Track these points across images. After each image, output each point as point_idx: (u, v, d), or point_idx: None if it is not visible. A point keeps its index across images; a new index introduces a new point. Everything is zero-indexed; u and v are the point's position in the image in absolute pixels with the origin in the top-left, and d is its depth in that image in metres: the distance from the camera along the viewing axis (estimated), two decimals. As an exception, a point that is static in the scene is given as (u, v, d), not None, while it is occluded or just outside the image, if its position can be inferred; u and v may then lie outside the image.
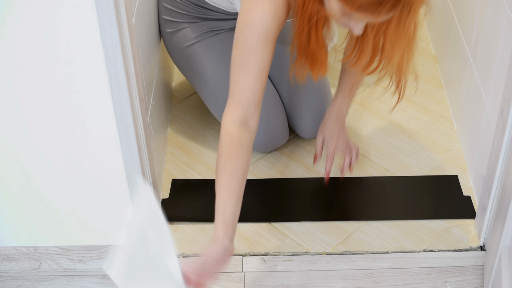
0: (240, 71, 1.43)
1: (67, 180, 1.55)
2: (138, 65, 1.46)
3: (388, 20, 1.40)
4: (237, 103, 1.43)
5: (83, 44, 1.34)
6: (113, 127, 1.46)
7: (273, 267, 1.71)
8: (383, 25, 1.43)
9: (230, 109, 1.44)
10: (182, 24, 1.93)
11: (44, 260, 1.68)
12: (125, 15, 1.32)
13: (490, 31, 1.70)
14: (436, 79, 2.25)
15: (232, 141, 1.42)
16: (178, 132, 2.09)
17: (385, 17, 1.35)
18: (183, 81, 2.27)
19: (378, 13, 1.31)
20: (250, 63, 1.42)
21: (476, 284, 1.66)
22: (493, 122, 1.66)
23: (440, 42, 2.28)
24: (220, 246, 1.38)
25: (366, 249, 1.74)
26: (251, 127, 1.45)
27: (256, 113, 1.44)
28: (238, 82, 1.43)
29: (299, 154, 2.01)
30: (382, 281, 1.67)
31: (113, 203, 1.59)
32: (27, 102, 1.42)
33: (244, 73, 1.43)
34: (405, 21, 1.37)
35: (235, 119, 1.43)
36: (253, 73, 1.42)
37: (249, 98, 1.43)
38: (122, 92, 1.40)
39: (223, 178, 1.42)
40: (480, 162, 1.80)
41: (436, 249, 1.73)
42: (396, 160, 1.97)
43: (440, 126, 2.09)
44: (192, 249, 1.75)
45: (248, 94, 1.43)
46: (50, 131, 1.47)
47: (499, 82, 1.62)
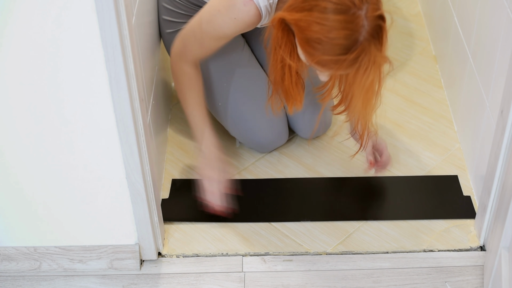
0: (194, 42, 1.69)
1: (66, 180, 1.55)
2: (138, 65, 1.46)
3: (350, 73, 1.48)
4: (189, 57, 1.73)
5: (83, 44, 1.34)
6: (113, 127, 1.46)
7: (273, 267, 1.71)
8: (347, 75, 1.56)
9: (182, 58, 1.73)
10: (182, 24, 1.92)
11: (44, 260, 1.68)
12: (125, 15, 1.32)
13: (490, 31, 1.70)
14: (436, 79, 2.25)
15: (191, 74, 1.75)
16: (178, 132, 2.09)
17: (345, 71, 1.42)
18: (183, 81, 2.27)
19: (337, 69, 1.41)
20: (206, 46, 1.69)
21: (476, 284, 1.66)
22: (493, 122, 1.66)
23: (440, 42, 2.28)
24: (209, 150, 1.75)
25: (366, 249, 1.74)
26: (198, 68, 1.77)
27: (198, 61, 1.76)
28: (191, 47, 1.70)
29: (299, 154, 2.01)
30: (382, 281, 1.67)
31: (113, 203, 1.59)
32: (27, 102, 1.42)
33: (197, 46, 1.69)
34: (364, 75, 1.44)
35: (187, 63, 1.74)
36: (207, 51, 1.72)
37: (199, 58, 1.74)
38: (122, 92, 1.40)
39: (196, 101, 1.77)
40: (480, 162, 1.80)
41: (436, 249, 1.73)
42: (396, 160, 1.97)
43: (440, 126, 2.09)
44: (192, 249, 1.75)
45: (197, 57, 1.73)
46: (50, 131, 1.47)
47: (499, 82, 1.62)
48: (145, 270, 1.70)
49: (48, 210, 1.60)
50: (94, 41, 1.33)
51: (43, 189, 1.56)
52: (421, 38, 2.43)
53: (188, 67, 1.75)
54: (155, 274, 1.69)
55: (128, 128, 1.45)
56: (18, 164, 1.52)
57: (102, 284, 1.68)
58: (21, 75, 1.39)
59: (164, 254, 1.73)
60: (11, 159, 1.51)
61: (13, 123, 1.46)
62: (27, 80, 1.39)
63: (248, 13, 1.58)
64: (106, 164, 1.52)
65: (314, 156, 2.00)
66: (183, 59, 1.74)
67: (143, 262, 1.72)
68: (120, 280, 1.69)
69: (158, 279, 1.69)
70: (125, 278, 1.69)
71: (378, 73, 1.47)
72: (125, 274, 1.70)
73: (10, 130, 1.47)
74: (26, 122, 1.45)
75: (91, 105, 1.43)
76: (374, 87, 1.50)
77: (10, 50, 1.35)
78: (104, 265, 1.69)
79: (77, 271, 1.70)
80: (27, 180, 1.55)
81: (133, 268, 1.69)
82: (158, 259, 1.72)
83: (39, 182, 1.55)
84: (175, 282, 1.68)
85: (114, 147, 1.49)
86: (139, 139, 1.49)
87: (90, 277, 1.69)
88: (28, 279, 1.69)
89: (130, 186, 1.55)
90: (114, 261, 1.68)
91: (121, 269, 1.69)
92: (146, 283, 1.68)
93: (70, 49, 1.35)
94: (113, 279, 1.69)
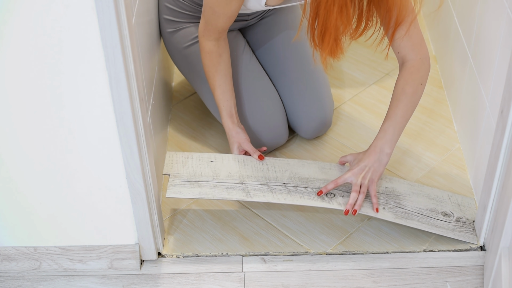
0: (212, 14, 1.71)
1: (66, 180, 1.55)
2: (138, 65, 1.46)
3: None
4: (210, 31, 1.76)
5: (83, 44, 1.34)
6: (113, 127, 1.46)
7: (273, 267, 1.71)
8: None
9: (205, 35, 1.77)
10: (184, 24, 1.93)
11: (44, 260, 1.68)
12: (125, 15, 1.32)
13: (490, 31, 1.70)
14: (436, 79, 2.25)
15: (212, 53, 1.79)
16: (178, 132, 2.09)
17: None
18: (183, 81, 2.27)
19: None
20: (219, 12, 1.70)
21: (476, 284, 1.66)
22: (493, 122, 1.65)
23: (440, 42, 2.28)
24: (234, 131, 1.84)
25: (366, 249, 1.74)
26: (225, 40, 1.81)
27: (225, 33, 1.79)
28: (211, 20, 1.73)
29: (299, 154, 2.01)
30: (382, 281, 1.67)
31: (113, 203, 1.59)
32: (27, 102, 1.42)
33: (215, 17, 1.72)
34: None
35: (210, 40, 1.78)
36: (222, 19, 1.72)
37: (219, 29, 1.75)
38: (122, 92, 1.40)
39: (215, 83, 1.82)
40: (480, 162, 1.80)
41: (436, 249, 1.73)
42: (396, 160, 1.97)
43: (440, 126, 2.09)
44: (192, 249, 1.75)
45: (219, 28, 1.75)
46: (49, 131, 1.47)
47: (499, 82, 1.62)
48: (145, 270, 1.70)
49: (48, 210, 1.60)
50: (94, 41, 1.33)
51: (43, 189, 1.56)
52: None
53: (212, 44, 1.78)
54: (155, 274, 1.69)
55: (128, 128, 1.45)
56: (17, 164, 1.52)
57: (102, 284, 1.68)
58: (21, 75, 1.39)
59: (164, 254, 1.73)
60: (11, 159, 1.51)
61: (12, 123, 1.45)
62: (27, 80, 1.39)
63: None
64: (106, 164, 1.52)
65: (314, 156, 2.00)
66: (206, 36, 1.77)
67: (143, 262, 1.72)
68: (120, 280, 1.69)
69: (158, 279, 1.69)
70: (125, 278, 1.69)
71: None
72: (125, 274, 1.70)
73: (9, 130, 1.47)
74: (26, 122, 1.45)
75: (91, 105, 1.43)
76: None
77: (9, 50, 1.35)
78: (104, 265, 1.68)
79: (77, 271, 1.70)
80: (27, 180, 1.55)
81: (133, 268, 1.69)
82: (158, 259, 1.72)
83: (39, 182, 1.55)
84: (175, 282, 1.68)
85: (114, 147, 1.49)
86: (139, 139, 1.49)
87: (90, 277, 1.69)
88: (28, 279, 1.69)
89: (130, 186, 1.55)
90: (114, 261, 1.68)
91: (121, 269, 1.69)
92: (146, 283, 1.68)
93: (70, 49, 1.35)
94: (113, 279, 1.69)
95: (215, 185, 1.73)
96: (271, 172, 1.78)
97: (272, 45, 2.00)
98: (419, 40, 1.66)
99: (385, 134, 1.69)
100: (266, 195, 1.71)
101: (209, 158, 1.80)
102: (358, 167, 1.70)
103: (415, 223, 1.71)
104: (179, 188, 1.71)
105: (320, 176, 1.77)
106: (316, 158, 1.99)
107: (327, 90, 2.01)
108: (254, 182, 1.74)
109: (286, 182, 1.75)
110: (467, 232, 1.73)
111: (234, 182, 1.74)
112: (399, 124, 1.68)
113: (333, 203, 1.70)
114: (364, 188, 1.69)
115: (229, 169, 1.78)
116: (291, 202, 1.70)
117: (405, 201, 1.75)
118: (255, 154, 1.81)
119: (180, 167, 1.77)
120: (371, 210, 1.69)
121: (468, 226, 1.75)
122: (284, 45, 1.99)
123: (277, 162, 1.81)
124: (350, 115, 2.12)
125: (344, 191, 1.73)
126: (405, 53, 1.67)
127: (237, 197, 1.70)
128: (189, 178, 1.75)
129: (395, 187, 1.79)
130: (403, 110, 1.68)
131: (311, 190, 1.73)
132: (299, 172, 1.78)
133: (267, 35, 2.01)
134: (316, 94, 1.96)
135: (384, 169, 1.71)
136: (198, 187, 1.72)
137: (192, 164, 1.78)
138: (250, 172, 1.77)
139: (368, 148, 1.72)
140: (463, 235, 1.72)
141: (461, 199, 1.81)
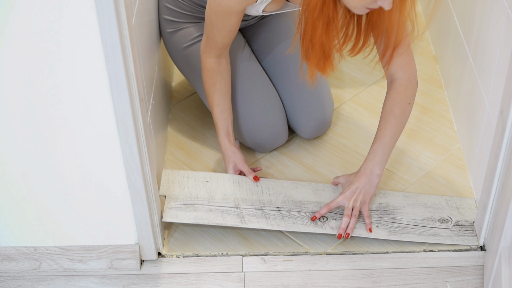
0: (212, 29, 1.71)
1: (66, 180, 1.55)
2: (138, 65, 1.46)
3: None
4: (211, 48, 1.76)
5: (83, 44, 1.34)
6: (113, 127, 1.46)
7: (273, 267, 1.71)
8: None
9: (206, 51, 1.78)
10: (184, 24, 1.93)
11: (44, 260, 1.68)
12: (125, 15, 1.32)
13: (490, 31, 1.70)
14: (436, 79, 2.25)
15: (212, 71, 1.80)
16: (178, 132, 2.09)
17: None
18: (183, 81, 2.27)
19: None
20: (219, 27, 1.69)
21: (476, 284, 1.66)
22: (493, 122, 1.65)
23: (440, 42, 2.28)
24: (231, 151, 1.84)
25: (366, 249, 1.74)
26: (226, 57, 1.81)
27: (227, 48, 1.79)
28: (211, 35, 1.73)
29: (299, 154, 2.01)
30: (382, 281, 1.67)
31: (113, 203, 1.59)
32: (27, 102, 1.42)
33: (215, 31, 1.71)
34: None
35: (211, 57, 1.78)
36: (222, 33, 1.71)
37: (219, 45, 1.75)
38: (122, 92, 1.40)
39: (214, 101, 1.83)
40: (480, 162, 1.80)
41: (436, 249, 1.73)
42: (396, 160, 1.97)
43: (440, 126, 2.09)
44: (192, 249, 1.75)
45: (219, 45, 1.75)
46: (49, 131, 1.47)
47: (499, 82, 1.62)
48: (145, 270, 1.70)
49: (48, 210, 1.60)
50: (94, 41, 1.33)
51: (43, 189, 1.56)
52: (421, 38, 2.43)
53: (213, 62, 1.78)
54: (155, 274, 1.69)
55: (128, 128, 1.45)
56: (17, 164, 1.52)
57: (102, 284, 1.68)
58: (21, 75, 1.39)
59: (164, 254, 1.73)
60: (11, 159, 1.51)
61: (12, 123, 1.45)
62: (26, 80, 1.39)
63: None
64: (106, 164, 1.52)
65: (314, 156, 2.00)
66: (207, 52, 1.77)
67: (143, 262, 1.72)
68: (120, 280, 1.68)
69: (158, 279, 1.69)
70: (125, 278, 1.69)
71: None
72: (125, 274, 1.70)
73: (9, 130, 1.47)
74: (25, 122, 1.45)
75: (91, 105, 1.43)
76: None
77: (9, 50, 1.35)
78: (104, 265, 1.68)
79: (77, 271, 1.70)
80: (27, 180, 1.55)
81: (133, 268, 1.69)
82: (158, 259, 1.72)
83: (39, 182, 1.55)
84: (175, 282, 1.68)
85: (114, 147, 1.49)
86: (139, 139, 1.49)
87: (90, 277, 1.69)
88: (28, 279, 1.69)
89: (130, 186, 1.55)
90: (114, 261, 1.68)
91: (121, 269, 1.69)
92: (146, 283, 1.68)
93: (70, 49, 1.35)
94: (113, 279, 1.69)
95: (210, 209, 1.75)
96: (265, 195, 1.80)
97: (271, 45, 2.00)
98: (409, 59, 1.68)
99: (375, 156, 1.72)
100: (260, 221, 1.73)
101: (204, 178, 1.82)
102: (350, 190, 1.73)
103: (410, 236, 1.73)
104: (176, 212, 1.73)
105: (314, 199, 1.80)
106: (316, 158, 1.99)
107: (327, 90, 2.00)
108: (248, 206, 1.76)
109: (280, 206, 1.77)
110: (466, 235, 1.74)
111: (229, 206, 1.76)
112: (388, 145, 1.72)
113: (326, 227, 1.73)
114: (356, 211, 1.72)
115: (224, 191, 1.80)
116: (284, 229, 1.73)
117: (400, 215, 1.77)
118: (250, 175, 1.83)
119: (176, 188, 1.79)
120: (364, 231, 1.72)
121: (468, 228, 1.75)
122: (284, 45, 1.99)
123: (271, 184, 1.83)
124: (350, 115, 2.12)
125: (337, 213, 1.76)
126: (394, 71, 1.69)
127: (232, 223, 1.72)
128: (185, 201, 1.76)
129: (389, 202, 1.80)
130: (392, 131, 1.71)
131: (304, 214, 1.76)
132: (293, 195, 1.81)
133: (267, 35, 2.01)
134: (316, 94, 1.96)
135: (376, 190, 1.75)
136: (194, 211, 1.74)
137: (188, 184, 1.80)
138: (245, 195, 1.79)
139: (359, 170, 1.75)
140: (462, 238, 1.72)
141: (460, 201, 1.82)
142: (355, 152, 2.00)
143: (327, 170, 1.96)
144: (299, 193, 1.81)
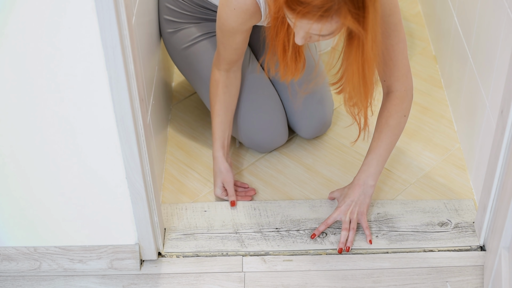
0: (220, 45, 1.74)
1: (67, 180, 1.55)
2: (138, 65, 1.46)
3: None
4: (221, 61, 1.78)
5: (83, 44, 1.34)
6: (113, 127, 1.46)
7: (273, 267, 1.71)
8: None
9: (216, 64, 1.80)
10: (184, 24, 1.93)
11: (44, 260, 1.68)
12: (125, 15, 1.32)
13: (490, 31, 1.70)
14: (436, 79, 2.25)
15: (219, 83, 1.80)
16: (178, 132, 2.09)
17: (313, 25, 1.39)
18: (183, 81, 2.27)
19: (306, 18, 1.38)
20: (225, 43, 1.72)
21: (476, 284, 1.66)
22: (493, 122, 1.66)
23: (440, 42, 2.28)
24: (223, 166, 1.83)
25: (366, 249, 1.74)
26: (235, 73, 1.81)
27: (237, 64, 1.80)
28: (221, 51, 1.75)
29: (299, 154, 2.01)
30: (382, 281, 1.67)
31: (113, 203, 1.59)
32: (27, 102, 1.42)
33: (222, 47, 1.74)
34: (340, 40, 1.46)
35: (220, 70, 1.79)
36: (229, 50, 1.74)
37: (227, 60, 1.77)
38: (122, 92, 1.40)
39: (215, 111, 1.83)
40: (480, 162, 1.80)
41: (436, 249, 1.73)
42: (395, 160, 1.97)
43: (440, 126, 2.09)
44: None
45: (226, 60, 1.77)
46: (49, 131, 1.47)
47: (499, 82, 1.62)
48: (145, 270, 1.70)
49: (48, 210, 1.60)
50: (94, 41, 1.33)
51: (43, 189, 1.56)
52: (421, 38, 2.43)
53: (220, 74, 1.79)
54: (155, 274, 1.69)
55: (128, 128, 1.45)
56: (17, 164, 1.52)
57: (102, 284, 1.68)
58: (21, 75, 1.39)
59: (164, 254, 1.73)
60: (11, 159, 1.51)
61: (12, 123, 1.45)
62: (27, 80, 1.39)
63: (245, 1, 1.60)
64: (106, 164, 1.52)
65: (314, 156, 2.00)
66: (216, 64, 1.79)
67: (143, 262, 1.72)
68: (120, 280, 1.69)
69: (158, 279, 1.69)
70: (125, 278, 1.69)
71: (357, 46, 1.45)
72: (125, 274, 1.70)
73: (9, 130, 1.47)
74: (26, 122, 1.45)
75: (91, 105, 1.43)
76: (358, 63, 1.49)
77: (9, 50, 1.35)
78: (104, 265, 1.69)
79: (77, 271, 1.70)
80: (27, 180, 1.55)
81: (133, 268, 1.69)
82: (158, 259, 1.72)
83: (39, 182, 1.55)
84: (175, 282, 1.68)
85: (114, 147, 1.49)
86: (139, 139, 1.49)
87: (90, 277, 1.69)
88: (28, 279, 1.69)
89: (130, 186, 1.55)
90: (114, 261, 1.68)
91: (121, 269, 1.69)
92: (146, 283, 1.68)
93: (70, 49, 1.35)
94: (113, 279, 1.69)
95: (210, 236, 1.76)
96: (263, 217, 1.80)
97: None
98: (406, 71, 1.68)
99: (369, 167, 1.73)
100: (260, 244, 1.74)
101: (202, 208, 1.83)
102: (345, 204, 1.74)
103: (411, 243, 1.73)
104: (176, 242, 1.75)
105: (311, 216, 1.80)
106: (316, 158, 1.99)
107: (327, 90, 2.00)
108: (247, 230, 1.77)
109: (279, 226, 1.78)
110: (466, 236, 1.74)
111: (228, 232, 1.77)
112: (382, 156, 1.72)
113: (326, 243, 1.74)
114: (354, 223, 1.73)
115: (223, 217, 1.81)
116: (285, 249, 1.73)
117: (399, 223, 1.78)
118: (231, 198, 1.82)
119: (175, 220, 1.80)
120: (365, 243, 1.73)
121: (468, 229, 1.75)
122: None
123: (268, 205, 1.84)
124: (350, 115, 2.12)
125: (336, 227, 1.77)
126: (390, 83, 1.70)
127: (232, 248, 1.73)
128: (185, 231, 1.78)
129: (387, 211, 1.81)
130: (386, 142, 1.72)
131: (303, 232, 1.77)
132: (291, 214, 1.81)
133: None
134: (316, 94, 1.96)
135: (371, 199, 1.76)
136: (194, 239, 1.76)
137: (186, 216, 1.81)
138: (243, 220, 1.80)
139: (352, 182, 1.76)
140: (462, 240, 1.73)
141: (458, 203, 1.82)
142: (355, 152, 2.01)
143: (327, 170, 1.96)
144: (297, 211, 1.82)
